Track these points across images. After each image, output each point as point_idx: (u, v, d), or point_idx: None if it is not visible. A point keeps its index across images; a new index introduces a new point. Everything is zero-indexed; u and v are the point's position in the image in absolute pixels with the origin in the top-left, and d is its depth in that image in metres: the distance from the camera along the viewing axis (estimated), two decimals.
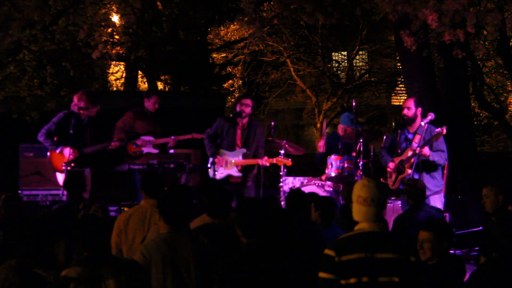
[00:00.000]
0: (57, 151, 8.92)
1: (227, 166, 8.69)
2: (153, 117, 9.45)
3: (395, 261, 3.97)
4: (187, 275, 4.69)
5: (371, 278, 3.92)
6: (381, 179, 8.46)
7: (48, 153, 9.03)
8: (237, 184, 8.66)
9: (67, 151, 8.78)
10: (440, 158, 8.07)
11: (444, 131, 7.84)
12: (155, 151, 9.29)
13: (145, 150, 9.25)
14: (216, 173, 8.68)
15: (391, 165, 8.34)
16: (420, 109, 8.26)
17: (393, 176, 8.29)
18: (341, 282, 3.93)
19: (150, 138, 9.30)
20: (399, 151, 8.35)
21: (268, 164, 8.77)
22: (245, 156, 8.71)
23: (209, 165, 8.76)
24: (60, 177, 8.81)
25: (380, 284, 3.93)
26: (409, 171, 8.02)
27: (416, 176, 7.98)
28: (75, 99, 9.00)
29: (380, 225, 4.07)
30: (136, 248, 5.26)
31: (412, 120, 8.28)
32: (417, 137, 8.14)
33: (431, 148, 8.04)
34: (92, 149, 8.95)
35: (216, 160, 8.65)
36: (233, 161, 8.68)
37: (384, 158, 8.51)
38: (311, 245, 5.39)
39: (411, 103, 8.31)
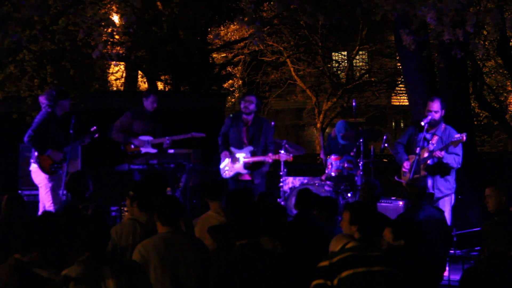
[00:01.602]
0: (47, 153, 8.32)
1: (235, 164, 8.66)
2: (152, 117, 9.41)
3: (385, 257, 4.30)
4: (186, 275, 4.69)
5: (365, 269, 4.16)
6: (395, 177, 8.42)
7: (36, 154, 8.24)
8: (246, 182, 8.63)
9: (54, 153, 8.31)
10: (453, 161, 8.01)
11: (464, 138, 7.77)
12: (154, 150, 9.27)
13: (144, 150, 9.22)
14: (226, 171, 8.67)
15: (406, 164, 8.22)
16: (443, 111, 8.20)
17: (408, 176, 8.23)
18: (333, 283, 4.13)
19: (149, 138, 9.28)
20: (415, 150, 8.28)
21: (271, 160, 8.73)
22: (252, 154, 8.66)
23: (220, 165, 8.80)
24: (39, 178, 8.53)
25: (373, 273, 4.15)
26: (424, 172, 7.99)
27: (429, 178, 7.95)
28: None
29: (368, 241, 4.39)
30: None
31: (438, 122, 8.23)
32: (435, 138, 8.09)
33: (446, 151, 7.99)
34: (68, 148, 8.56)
35: (222, 154, 8.67)
36: (240, 158, 8.64)
37: (400, 155, 8.37)
38: (320, 244, 5.35)
39: (437, 106, 8.13)
